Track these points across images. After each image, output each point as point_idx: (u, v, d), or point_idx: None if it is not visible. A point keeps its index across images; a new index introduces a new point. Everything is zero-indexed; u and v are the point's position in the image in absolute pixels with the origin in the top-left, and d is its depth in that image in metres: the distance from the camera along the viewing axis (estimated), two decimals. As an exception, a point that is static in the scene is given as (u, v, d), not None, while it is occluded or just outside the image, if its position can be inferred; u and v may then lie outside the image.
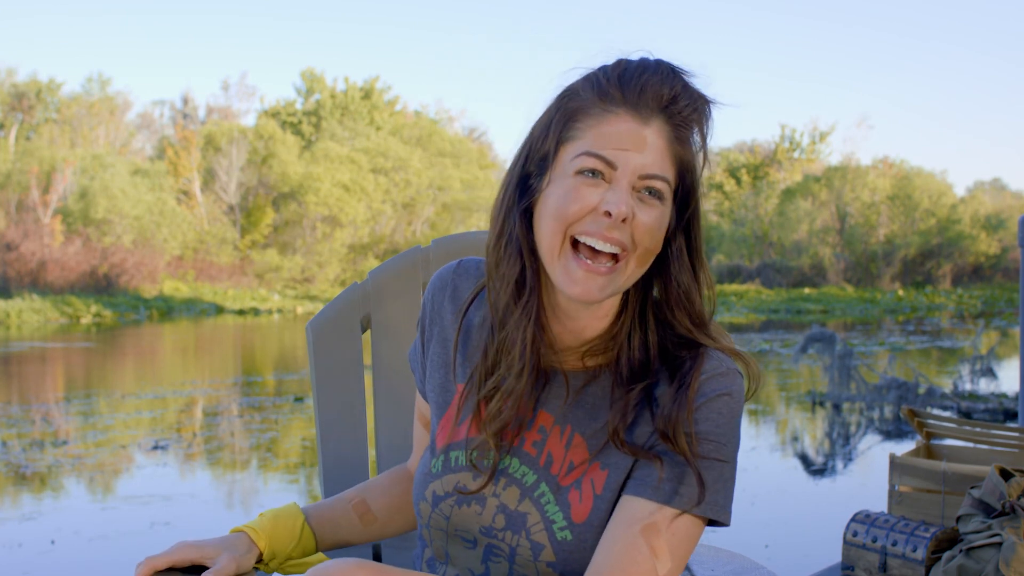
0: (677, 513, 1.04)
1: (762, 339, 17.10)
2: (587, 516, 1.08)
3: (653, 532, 1.03)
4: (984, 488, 2.57)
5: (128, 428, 8.29)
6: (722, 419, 1.08)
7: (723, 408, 1.08)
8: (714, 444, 1.06)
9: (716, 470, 1.06)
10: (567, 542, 1.08)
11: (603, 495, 1.08)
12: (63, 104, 41.42)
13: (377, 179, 38.40)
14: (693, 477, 1.05)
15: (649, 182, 1.06)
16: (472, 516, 1.14)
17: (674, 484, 1.04)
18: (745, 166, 47.45)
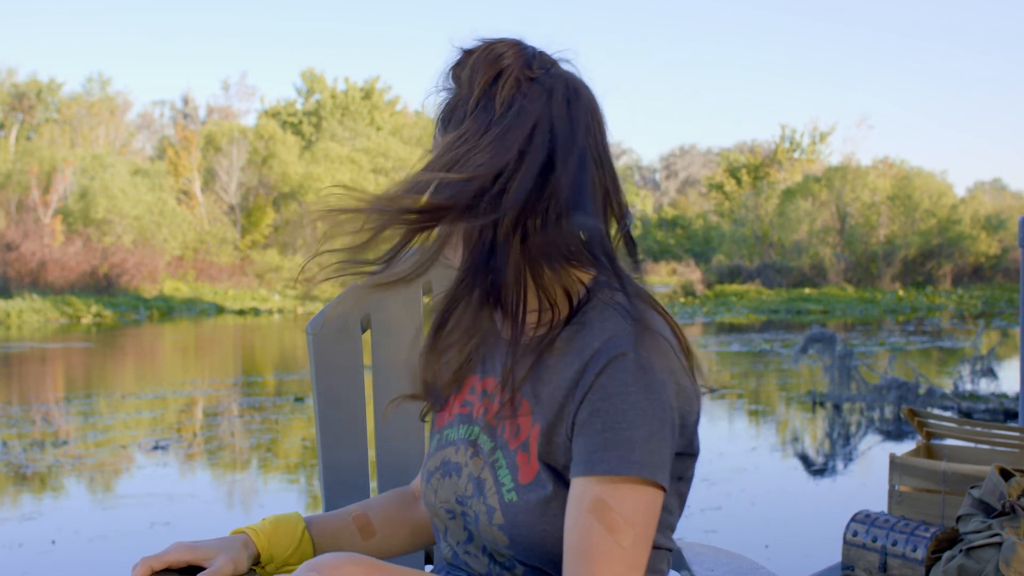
0: (612, 481, 1.02)
1: (762, 339, 17.10)
2: (533, 476, 1.10)
3: (602, 508, 1.02)
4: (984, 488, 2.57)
5: (128, 428, 8.29)
6: (629, 377, 1.03)
7: (630, 367, 1.04)
8: (627, 404, 1.03)
9: (638, 430, 1.03)
10: (513, 503, 1.11)
11: (538, 451, 1.11)
12: (63, 104, 41.44)
13: (378, 179, 38.40)
14: (616, 440, 1.02)
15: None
16: (451, 486, 1.19)
17: (599, 452, 1.03)
18: (745, 166, 47.46)
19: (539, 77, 1.09)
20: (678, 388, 1.06)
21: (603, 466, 1.02)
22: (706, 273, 38.92)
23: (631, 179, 59.55)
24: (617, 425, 1.03)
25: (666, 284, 39.19)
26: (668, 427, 1.05)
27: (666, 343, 1.07)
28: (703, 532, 4.60)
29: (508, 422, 1.14)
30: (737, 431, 7.91)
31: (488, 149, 1.06)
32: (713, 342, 17.17)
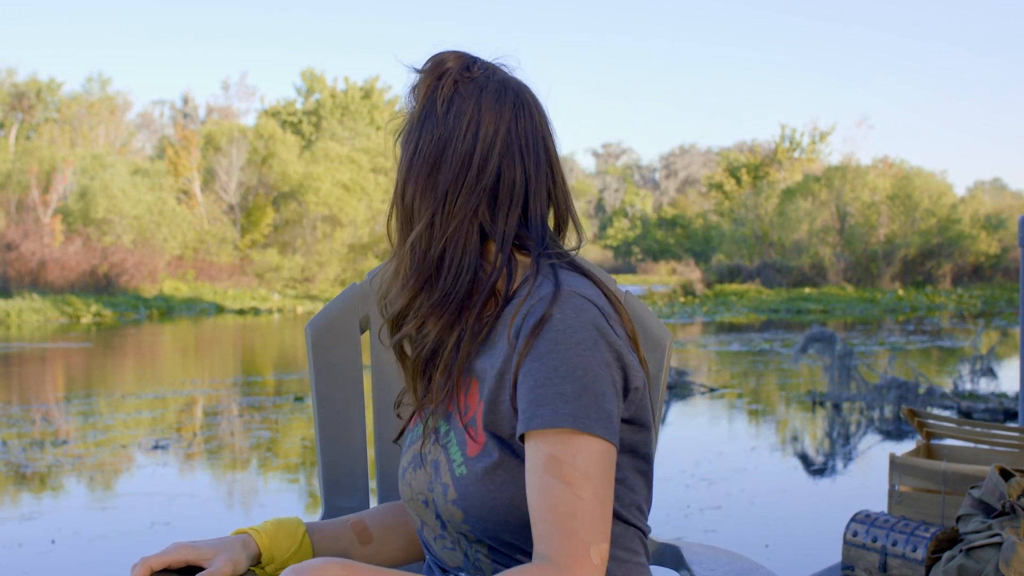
0: (559, 436, 1.04)
1: (762, 339, 17.10)
2: (480, 449, 1.13)
3: (555, 464, 1.04)
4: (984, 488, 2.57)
5: (128, 428, 8.30)
6: (558, 335, 1.07)
7: (558, 325, 1.08)
8: (558, 360, 1.06)
9: (571, 384, 1.05)
10: (463, 476, 1.13)
11: (486, 425, 1.14)
12: (63, 104, 41.44)
13: (377, 179, 38.41)
14: (549, 395, 1.05)
15: None
16: (422, 477, 1.21)
17: (533, 408, 1.06)
18: (745, 166, 47.46)
19: (475, 78, 1.18)
20: (610, 347, 1.09)
21: (537, 421, 1.05)
22: (706, 273, 38.92)
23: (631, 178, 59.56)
24: (548, 382, 1.06)
25: (666, 284, 39.22)
26: (606, 383, 1.07)
27: (590, 304, 1.11)
28: (703, 532, 4.59)
29: (460, 403, 1.18)
30: (737, 431, 7.91)
31: (427, 179, 1.18)
32: (713, 342, 17.17)
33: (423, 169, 1.18)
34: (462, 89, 1.18)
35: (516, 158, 1.17)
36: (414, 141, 1.19)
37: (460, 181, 1.16)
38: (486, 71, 1.20)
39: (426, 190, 1.18)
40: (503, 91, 1.18)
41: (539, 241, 1.18)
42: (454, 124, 1.16)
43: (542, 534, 1.03)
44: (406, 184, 1.20)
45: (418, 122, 1.19)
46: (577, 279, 1.15)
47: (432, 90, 1.19)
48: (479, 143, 1.16)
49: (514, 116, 1.18)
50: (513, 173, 1.17)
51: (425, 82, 1.20)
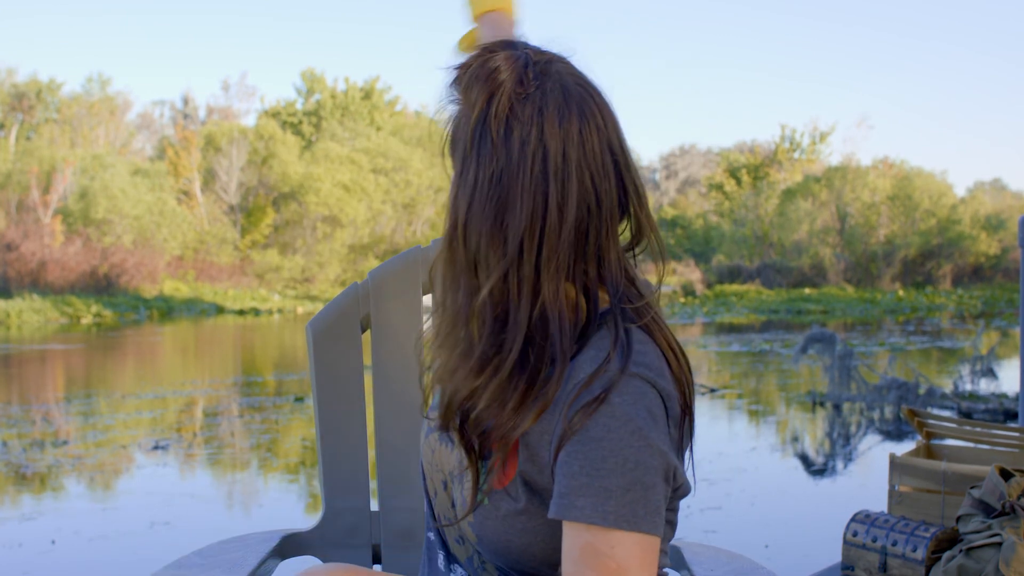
0: (600, 529, 0.96)
1: (762, 339, 17.10)
2: (508, 482, 1.06)
3: (592, 554, 0.96)
4: (984, 488, 2.57)
5: (128, 428, 8.30)
6: (613, 423, 0.98)
7: (615, 412, 0.98)
8: (607, 450, 0.97)
9: (617, 478, 0.97)
10: (484, 506, 1.08)
11: (520, 463, 1.06)
12: (63, 104, 41.44)
13: (377, 179, 38.41)
14: (592, 488, 0.97)
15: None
16: (446, 459, 1.15)
17: (572, 497, 0.97)
18: (745, 166, 47.45)
19: (531, 93, 1.03)
20: (662, 437, 0.99)
21: (575, 512, 0.97)
22: (706, 273, 38.92)
23: (631, 179, 59.53)
24: (594, 471, 0.97)
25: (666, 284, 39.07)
26: (653, 474, 0.98)
27: (651, 389, 1.01)
28: (703, 532, 4.59)
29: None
30: (737, 431, 7.91)
31: (493, 206, 1.02)
32: (713, 342, 17.17)
33: (488, 210, 1.01)
34: (519, 111, 1.02)
35: (589, 187, 1.02)
36: (472, 171, 1.03)
37: (537, 228, 1.00)
38: (541, 81, 1.04)
39: (494, 237, 1.01)
40: (565, 106, 1.03)
41: (613, 286, 1.05)
42: (518, 156, 1.01)
43: None
44: (468, 224, 1.03)
45: (472, 145, 1.03)
46: (646, 348, 1.03)
47: (485, 110, 1.03)
48: (551, 180, 1.00)
49: (581, 138, 1.02)
50: (593, 207, 1.02)
51: (476, 95, 1.04)
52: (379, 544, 1.68)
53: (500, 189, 1.01)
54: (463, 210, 1.03)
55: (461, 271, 1.04)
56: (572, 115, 1.03)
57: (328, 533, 1.66)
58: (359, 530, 1.66)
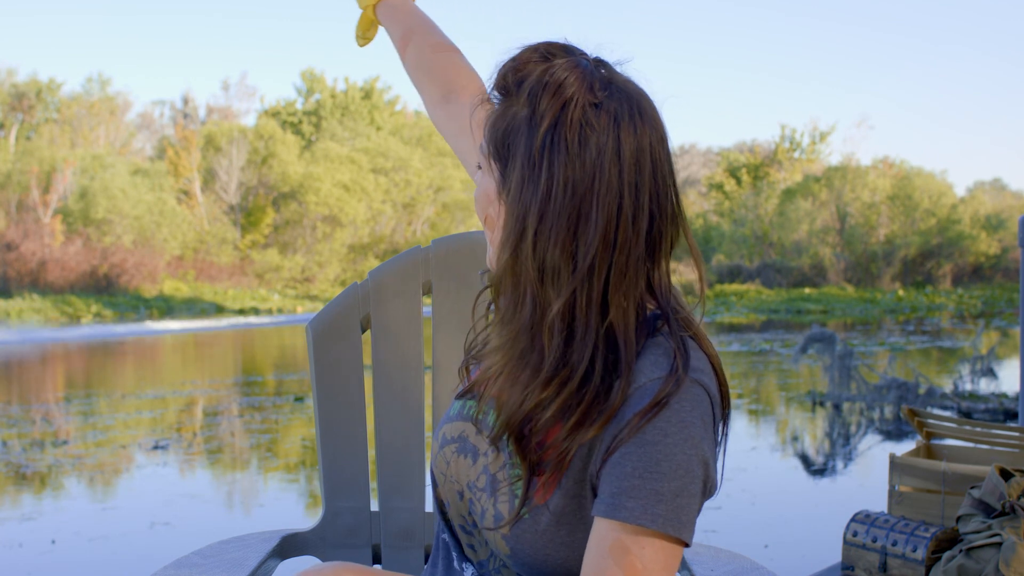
0: (636, 530, 0.98)
1: (762, 339, 17.10)
2: (551, 495, 1.06)
3: (621, 551, 0.98)
4: (984, 488, 2.57)
5: (128, 428, 8.30)
6: (670, 427, 0.99)
7: (672, 417, 0.99)
8: (662, 457, 0.98)
9: (668, 484, 0.98)
10: (523, 520, 1.07)
11: (568, 475, 1.06)
12: (63, 104, 41.44)
13: (377, 179, 38.42)
14: (644, 491, 0.98)
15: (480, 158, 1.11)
16: (465, 467, 1.14)
17: (623, 499, 0.98)
18: (745, 166, 47.45)
19: (602, 102, 1.01)
20: (709, 447, 1.01)
21: (624, 513, 0.98)
22: (706, 273, 38.89)
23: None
24: (647, 474, 0.98)
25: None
26: (699, 483, 1.00)
27: (705, 396, 1.02)
28: (703, 532, 4.59)
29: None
30: (737, 431, 7.91)
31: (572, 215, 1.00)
32: (713, 342, 17.14)
33: (562, 222, 0.99)
34: (594, 120, 1.00)
35: (656, 198, 1.02)
36: (542, 179, 1.00)
37: (611, 240, 0.99)
38: (609, 90, 1.02)
39: (566, 249, 1.00)
40: (638, 115, 1.02)
41: (663, 295, 1.05)
42: (594, 166, 0.99)
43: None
44: (539, 235, 1.00)
45: (543, 153, 1.01)
46: (699, 356, 1.04)
47: (558, 117, 1.01)
48: (626, 191, 0.99)
49: (651, 147, 1.02)
50: (657, 218, 1.02)
51: (547, 103, 1.01)
52: (379, 544, 1.68)
53: (575, 200, 0.99)
54: (534, 220, 1.00)
55: (528, 283, 1.02)
56: (644, 125, 1.02)
57: (328, 533, 1.66)
58: (359, 530, 1.66)
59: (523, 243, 1.01)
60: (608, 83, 1.03)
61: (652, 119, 1.03)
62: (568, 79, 1.02)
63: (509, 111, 1.05)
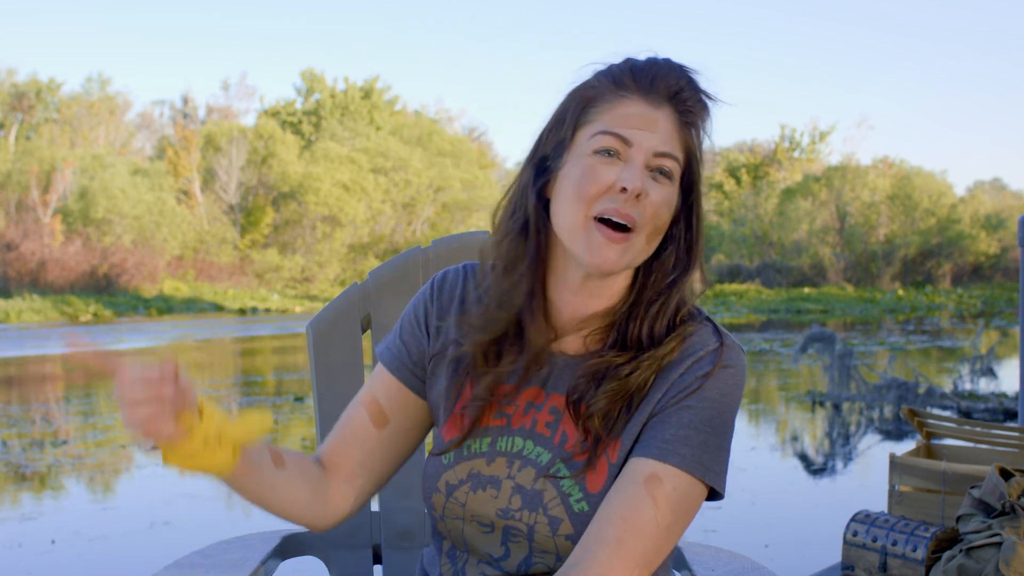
0: (678, 471, 1.08)
1: (762, 339, 17.10)
2: (603, 485, 1.11)
3: (656, 483, 1.07)
4: (984, 488, 2.57)
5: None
6: (727, 388, 1.12)
7: (729, 379, 1.13)
8: (715, 413, 1.11)
9: (716, 439, 1.11)
10: (584, 513, 1.11)
11: (617, 463, 1.12)
12: (63, 104, 41.43)
13: (377, 179, 38.41)
14: (696, 440, 1.09)
15: (661, 161, 1.13)
16: (488, 500, 1.15)
17: (676, 445, 1.08)
18: (745, 166, 47.44)
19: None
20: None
21: (676, 458, 1.08)
22: (706, 273, 38.86)
23: (631, 179, 59.66)
24: (701, 427, 1.10)
25: (666, 284, 39.08)
26: (731, 442, 1.14)
27: (746, 363, 1.17)
28: (703, 532, 4.59)
29: (573, 434, 1.14)
30: (737, 431, 7.90)
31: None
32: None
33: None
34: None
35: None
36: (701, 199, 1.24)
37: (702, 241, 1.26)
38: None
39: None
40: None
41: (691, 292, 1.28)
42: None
43: (600, 535, 1.05)
44: (699, 234, 1.26)
45: (698, 163, 1.22)
46: (726, 335, 1.20)
47: (700, 139, 1.21)
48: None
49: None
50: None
51: (704, 115, 1.20)
52: (379, 544, 1.68)
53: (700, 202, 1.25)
54: (701, 220, 1.26)
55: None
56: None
57: (328, 533, 1.66)
58: (359, 530, 1.66)
59: (700, 254, 1.23)
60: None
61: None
62: (705, 106, 1.20)
63: (694, 141, 1.19)
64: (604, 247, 1.10)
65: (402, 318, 1.28)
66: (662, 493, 1.06)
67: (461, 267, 1.27)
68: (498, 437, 1.17)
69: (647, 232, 1.12)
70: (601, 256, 1.10)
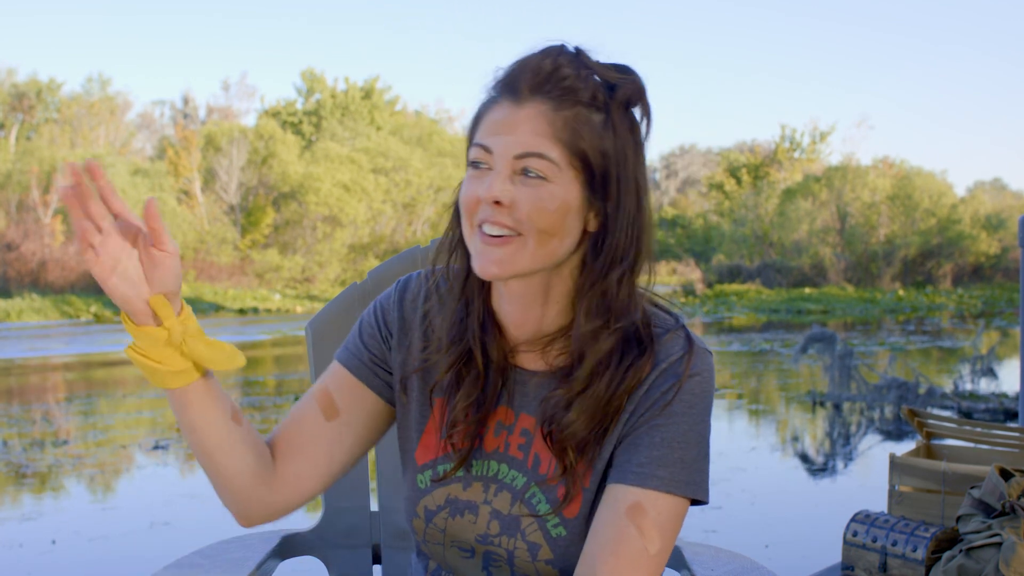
0: (659, 495, 1.06)
1: (762, 339, 17.10)
2: (578, 511, 1.10)
3: (639, 513, 1.05)
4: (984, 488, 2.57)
5: (128, 428, 8.30)
6: (695, 399, 1.09)
7: (695, 388, 1.09)
8: (688, 426, 1.08)
9: (692, 451, 1.08)
10: (562, 538, 1.10)
11: (590, 488, 1.11)
12: (63, 104, 41.42)
13: (377, 179, 38.40)
14: (672, 458, 1.07)
15: (524, 162, 1.06)
16: (467, 525, 1.15)
17: (653, 467, 1.06)
18: (745, 166, 47.43)
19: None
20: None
21: (655, 482, 1.06)
22: (706, 273, 38.89)
23: (631, 179, 59.61)
24: (675, 443, 1.07)
25: (666, 284, 39.18)
26: (709, 447, 1.11)
27: (713, 365, 1.12)
28: (703, 532, 4.59)
29: (546, 458, 1.13)
30: (737, 431, 7.90)
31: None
32: (713, 342, 17.17)
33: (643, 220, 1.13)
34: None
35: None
36: (644, 198, 1.13)
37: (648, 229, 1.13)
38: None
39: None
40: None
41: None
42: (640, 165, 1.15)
43: (597, 569, 1.04)
44: (645, 232, 1.12)
45: (601, 149, 1.09)
46: (698, 337, 1.15)
47: (634, 123, 1.12)
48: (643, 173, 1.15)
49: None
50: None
51: (596, 94, 1.08)
52: (379, 544, 1.68)
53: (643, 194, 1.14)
54: (647, 215, 1.13)
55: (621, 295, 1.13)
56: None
57: (328, 533, 1.66)
58: (359, 530, 1.66)
59: (644, 261, 1.12)
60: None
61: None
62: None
63: (586, 128, 1.07)
64: (486, 254, 1.07)
65: (362, 320, 1.26)
66: (647, 522, 1.05)
67: (424, 274, 1.24)
68: (472, 461, 1.16)
69: (534, 235, 1.06)
70: (485, 263, 1.07)
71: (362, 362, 1.22)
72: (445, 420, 1.17)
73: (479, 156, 1.09)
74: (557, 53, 1.07)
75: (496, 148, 1.07)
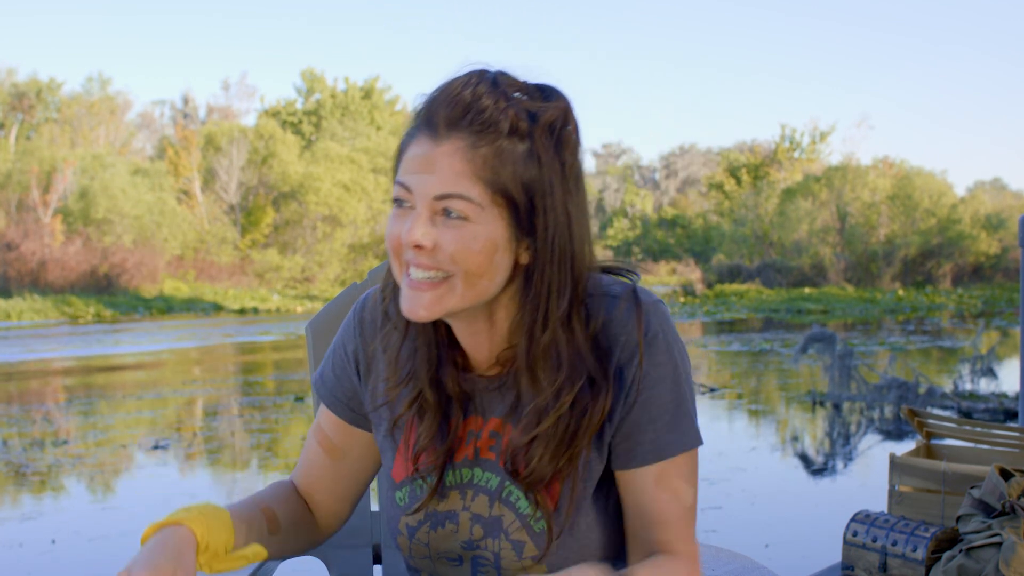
0: (673, 458, 1.10)
1: (762, 339, 17.10)
2: (557, 501, 1.10)
3: (666, 479, 1.09)
4: (984, 488, 2.57)
5: (128, 428, 8.30)
6: (663, 358, 1.09)
7: (660, 349, 1.09)
8: (667, 388, 1.09)
9: (681, 406, 1.10)
10: (545, 532, 1.10)
11: (568, 475, 1.12)
12: (63, 104, 41.44)
13: (377, 179, 38.41)
14: (667, 422, 1.09)
15: (445, 203, 1.02)
16: (449, 535, 1.15)
17: (658, 441, 1.09)
18: (745, 166, 47.44)
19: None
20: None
21: (669, 449, 1.10)
22: (706, 273, 38.90)
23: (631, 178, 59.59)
24: (667, 405, 1.09)
25: (666, 284, 39.19)
26: (692, 383, 1.13)
27: (666, 306, 1.12)
28: (703, 532, 4.60)
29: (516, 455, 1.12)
30: (737, 431, 7.91)
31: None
32: (713, 341, 17.17)
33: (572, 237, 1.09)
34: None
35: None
36: (577, 219, 1.08)
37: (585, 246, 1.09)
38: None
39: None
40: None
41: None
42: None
43: (661, 539, 1.09)
44: (578, 260, 1.08)
45: (527, 182, 1.06)
46: (638, 293, 1.13)
47: (561, 146, 1.07)
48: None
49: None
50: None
51: (518, 124, 1.04)
52: (379, 544, 1.68)
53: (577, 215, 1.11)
54: (575, 230, 1.09)
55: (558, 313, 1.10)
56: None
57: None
58: (359, 530, 1.66)
59: (578, 289, 1.08)
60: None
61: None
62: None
63: (509, 160, 1.03)
64: (413, 299, 1.05)
65: (332, 350, 1.27)
66: (676, 482, 1.09)
67: (380, 293, 1.22)
68: (445, 473, 1.16)
69: (462, 276, 1.03)
70: (413, 307, 1.05)
71: (340, 402, 1.25)
72: (414, 444, 1.17)
73: (401, 194, 1.05)
74: (476, 82, 1.03)
75: (416, 188, 1.03)
